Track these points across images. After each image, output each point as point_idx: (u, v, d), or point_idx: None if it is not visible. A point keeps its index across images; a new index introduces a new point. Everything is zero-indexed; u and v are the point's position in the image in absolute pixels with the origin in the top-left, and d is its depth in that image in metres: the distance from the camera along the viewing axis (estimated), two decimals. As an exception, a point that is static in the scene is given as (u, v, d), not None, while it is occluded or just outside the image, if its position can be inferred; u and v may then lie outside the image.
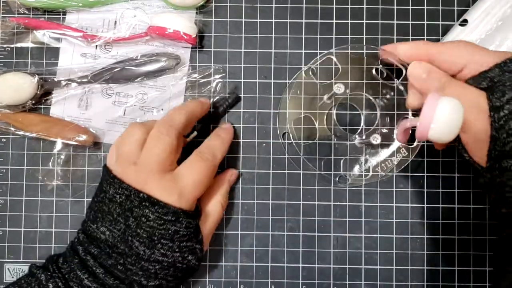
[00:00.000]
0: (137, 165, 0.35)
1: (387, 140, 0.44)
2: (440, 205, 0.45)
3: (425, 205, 0.45)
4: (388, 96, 0.44)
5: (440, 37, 0.45)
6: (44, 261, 0.38)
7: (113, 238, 0.35)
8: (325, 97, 0.43)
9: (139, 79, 0.45)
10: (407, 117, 0.44)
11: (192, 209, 0.37)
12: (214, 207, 0.40)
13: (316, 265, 0.44)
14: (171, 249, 0.35)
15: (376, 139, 0.42)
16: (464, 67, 0.34)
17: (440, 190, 0.45)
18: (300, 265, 0.44)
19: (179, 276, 0.37)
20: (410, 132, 0.40)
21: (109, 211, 0.35)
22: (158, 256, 0.35)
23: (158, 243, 0.35)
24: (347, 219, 0.45)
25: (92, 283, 0.34)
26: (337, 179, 0.45)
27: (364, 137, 0.43)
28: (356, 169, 0.44)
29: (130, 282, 0.35)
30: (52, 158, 0.45)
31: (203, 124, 0.44)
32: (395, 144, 0.44)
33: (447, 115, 0.31)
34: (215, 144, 0.40)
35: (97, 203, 0.36)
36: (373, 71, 0.44)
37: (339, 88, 0.42)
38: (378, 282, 0.44)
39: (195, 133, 0.43)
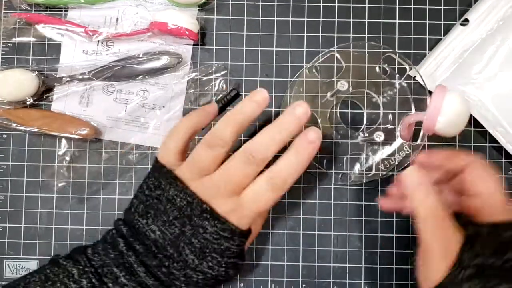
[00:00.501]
0: (210, 179, 0.34)
1: (390, 137, 0.44)
2: (441, 205, 0.45)
3: (426, 205, 0.45)
4: (391, 93, 0.44)
5: (442, 36, 0.45)
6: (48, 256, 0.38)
7: (164, 240, 0.33)
8: (328, 94, 0.43)
9: (140, 77, 0.45)
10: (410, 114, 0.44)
11: (248, 229, 0.35)
12: (258, 226, 0.40)
13: (316, 264, 0.44)
14: (218, 264, 0.34)
15: (379, 137, 0.42)
16: (477, 197, 0.33)
17: (441, 189, 0.45)
18: (300, 263, 0.44)
19: (215, 286, 0.36)
20: (414, 128, 0.40)
21: (165, 211, 0.34)
22: (204, 267, 0.34)
23: (208, 256, 0.34)
24: (348, 218, 0.45)
25: (129, 281, 0.32)
26: (339, 176, 0.45)
27: (366, 134, 0.43)
28: (358, 167, 0.44)
29: (169, 285, 0.33)
30: (58, 158, 0.45)
31: None
32: (398, 142, 0.44)
33: (454, 108, 0.31)
34: (290, 167, 0.35)
35: (150, 198, 0.35)
36: (377, 69, 0.44)
37: (342, 86, 0.42)
38: (378, 281, 0.44)
39: None
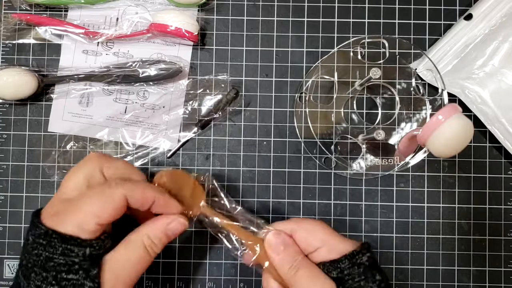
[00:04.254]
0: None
1: (390, 136, 0.44)
2: (441, 205, 0.45)
3: (426, 205, 0.45)
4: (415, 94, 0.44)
5: (442, 35, 0.45)
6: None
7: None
8: (357, 83, 0.43)
9: (138, 84, 0.45)
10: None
11: (91, 236, 0.31)
12: (133, 246, 0.33)
13: (316, 264, 0.44)
14: (45, 281, 0.30)
15: (379, 135, 0.42)
16: (318, 249, 0.35)
17: (441, 189, 0.45)
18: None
19: None
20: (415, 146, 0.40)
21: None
22: None
23: (31, 273, 0.30)
24: (347, 218, 0.45)
25: None
26: (323, 160, 0.44)
27: (382, 133, 0.42)
28: (358, 164, 0.44)
29: None
30: (58, 158, 0.45)
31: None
32: (396, 140, 0.44)
33: (452, 132, 0.31)
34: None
35: None
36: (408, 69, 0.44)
37: (375, 73, 0.41)
38: (378, 281, 0.44)
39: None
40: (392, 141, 0.44)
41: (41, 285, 0.30)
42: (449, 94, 0.44)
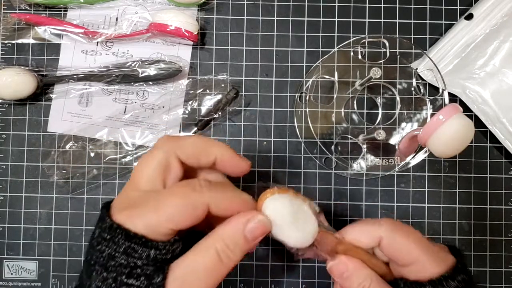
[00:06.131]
0: None
1: (390, 136, 0.44)
2: (442, 205, 0.45)
3: (426, 205, 0.45)
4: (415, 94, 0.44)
5: (442, 35, 0.45)
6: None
7: None
8: (357, 82, 0.43)
9: (137, 84, 0.45)
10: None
11: (161, 238, 0.27)
12: (204, 252, 0.28)
13: (316, 264, 0.44)
14: (105, 282, 0.26)
15: (380, 135, 0.42)
16: (405, 266, 0.30)
17: (442, 190, 0.45)
18: (300, 264, 0.44)
19: None
20: (416, 146, 0.40)
21: None
22: None
23: (93, 271, 0.27)
24: (348, 218, 0.45)
25: None
26: (323, 160, 0.44)
27: (382, 133, 0.42)
28: (359, 164, 0.44)
29: None
30: (57, 158, 0.45)
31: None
32: (397, 140, 0.44)
33: (452, 132, 0.31)
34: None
35: None
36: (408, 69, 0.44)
37: (376, 72, 0.40)
38: (379, 282, 0.44)
39: None
40: (393, 141, 0.44)
41: (101, 286, 0.26)
42: (450, 94, 0.43)
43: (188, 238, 0.29)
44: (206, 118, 0.45)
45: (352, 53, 0.44)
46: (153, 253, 0.27)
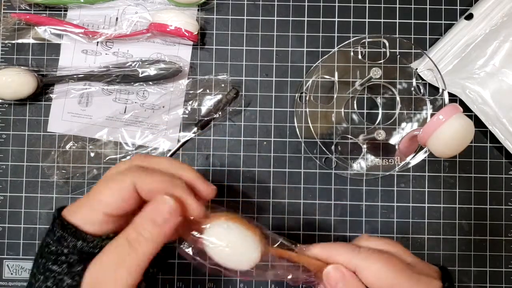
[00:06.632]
0: None
1: (390, 136, 0.44)
2: (442, 205, 0.45)
3: (426, 205, 0.45)
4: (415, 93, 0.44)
5: (442, 35, 0.45)
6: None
7: None
8: (357, 82, 0.43)
9: (138, 84, 0.45)
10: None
11: (96, 229, 0.28)
12: (115, 244, 0.27)
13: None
14: (38, 268, 0.29)
15: (380, 135, 0.42)
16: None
17: (442, 190, 0.45)
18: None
19: None
20: (416, 146, 0.40)
21: None
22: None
23: (36, 259, 0.30)
24: (348, 218, 0.45)
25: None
26: (323, 160, 0.44)
27: (382, 133, 0.41)
28: (359, 164, 0.44)
29: None
30: (57, 158, 0.45)
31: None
32: (397, 140, 0.44)
33: (452, 132, 0.31)
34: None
35: None
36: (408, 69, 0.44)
37: (376, 72, 0.40)
38: (379, 282, 0.44)
39: None
40: (393, 141, 0.44)
41: (35, 273, 0.28)
42: (450, 94, 0.43)
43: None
44: (206, 118, 0.45)
45: (352, 53, 0.44)
46: (80, 243, 0.28)
